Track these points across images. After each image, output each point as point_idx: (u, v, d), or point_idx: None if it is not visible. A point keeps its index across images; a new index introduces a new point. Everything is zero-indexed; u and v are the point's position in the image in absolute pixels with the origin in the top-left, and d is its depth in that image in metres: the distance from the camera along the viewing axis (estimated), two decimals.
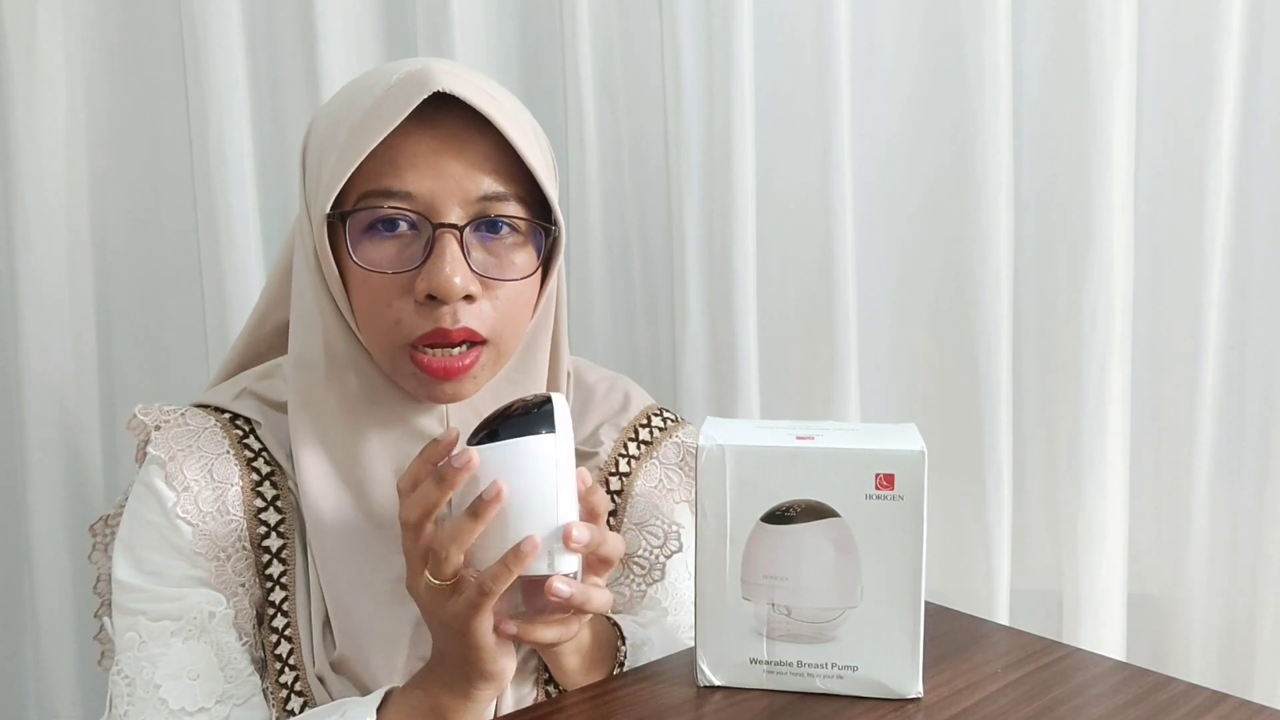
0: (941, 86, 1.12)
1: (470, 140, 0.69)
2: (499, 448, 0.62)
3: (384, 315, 0.69)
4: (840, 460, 0.66)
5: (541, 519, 0.61)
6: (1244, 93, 1.11)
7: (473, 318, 0.69)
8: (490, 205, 0.69)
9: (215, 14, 1.06)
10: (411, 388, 0.72)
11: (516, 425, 0.63)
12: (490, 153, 0.69)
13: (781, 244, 1.15)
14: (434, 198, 0.68)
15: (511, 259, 0.71)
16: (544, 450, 0.62)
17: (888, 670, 0.67)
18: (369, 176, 0.68)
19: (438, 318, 0.68)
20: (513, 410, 0.64)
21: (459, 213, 0.68)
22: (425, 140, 0.68)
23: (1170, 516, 1.18)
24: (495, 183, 0.69)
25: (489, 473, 0.61)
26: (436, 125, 0.68)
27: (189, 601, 0.71)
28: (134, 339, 1.15)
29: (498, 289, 0.70)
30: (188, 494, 0.72)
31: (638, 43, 1.14)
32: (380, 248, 0.69)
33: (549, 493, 0.62)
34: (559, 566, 0.62)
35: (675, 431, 0.85)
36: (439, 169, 0.68)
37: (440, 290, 0.67)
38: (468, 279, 0.68)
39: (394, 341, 0.70)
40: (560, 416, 0.63)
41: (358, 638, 0.73)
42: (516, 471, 0.61)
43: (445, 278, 0.66)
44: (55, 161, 1.08)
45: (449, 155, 0.68)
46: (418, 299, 0.68)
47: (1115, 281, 1.11)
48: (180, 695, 0.69)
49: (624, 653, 0.75)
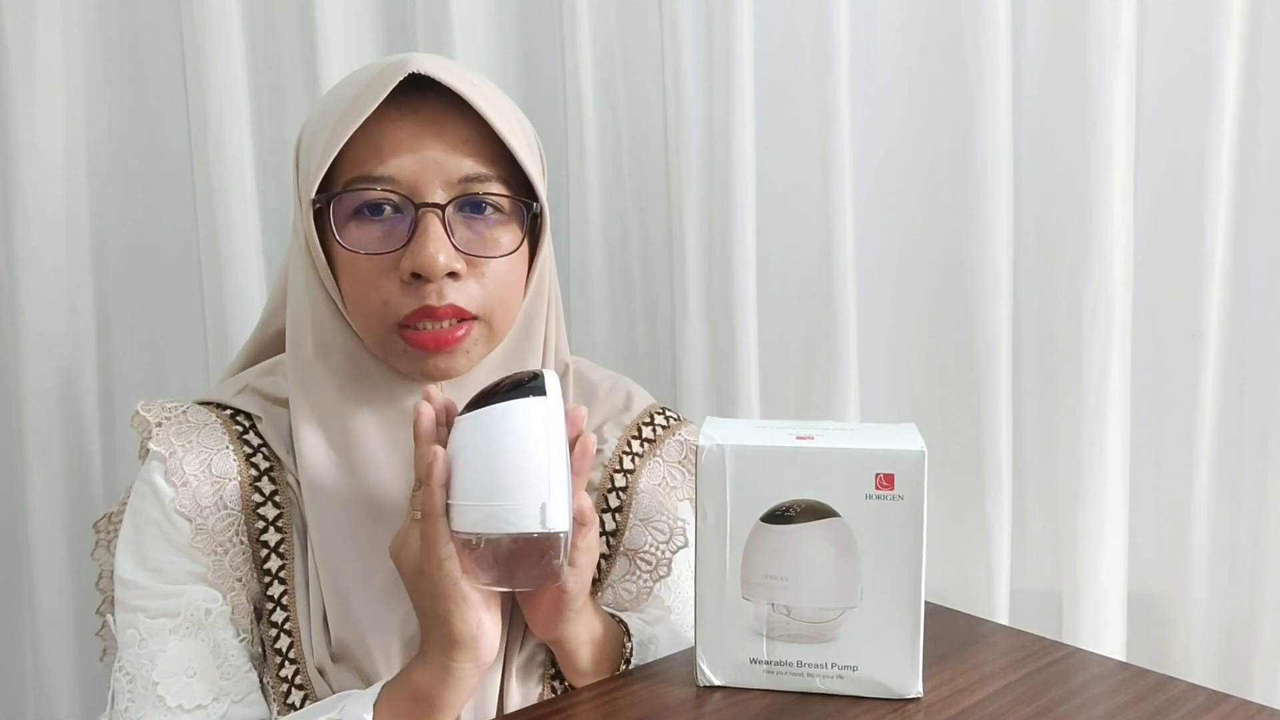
0: (941, 86, 1.12)
1: (451, 123, 0.70)
2: (487, 411, 0.63)
3: (371, 296, 0.70)
4: (840, 460, 0.66)
5: (532, 479, 0.62)
6: (1244, 93, 1.11)
7: (459, 294, 0.70)
8: (472, 185, 0.71)
9: (215, 14, 1.06)
10: (404, 366, 0.73)
11: (506, 395, 0.64)
12: (471, 135, 0.71)
13: (781, 244, 1.15)
14: (416, 179, 0.69)
15: (495, 237, 0.72)
16: (533, 411, 0.63)
17: (887, 670, 0.67)
18: (353, 163, 0.70)
19: (424, 295, 0.69)
20: (502, 384, 0.65)
21: (441, 193, 0.70)
22: (407, 125, 0.70)
23: (1170, 516, 1.18)
24: (477, 164, 0.71)
25: (479, 437, 0.62)
26: (418, 110, 0.70)
27: (186, 598, 0.72)
28: (134, 339, 1.15)
29: (484, 266, 0.71)
30: (186, 489, 0.72)
31: (638, 43, 1.14)
32: (366, 231, 0.70)
33: (539, 454, 0.62)
34: (550, 524, 0.62)
35: (678, 430, 0.86)
36: (420, 152, 0.69)
37: (424, 267, 0.68)
38: (451, 256, 0.69)
39: (383, 322, 0.71)
40: (550, 384, 0.65)
41: (356, 624, 0.73)
42: (506, 433, 0.62)
43: (429, 255, 0.68)
44: (55, 161, 1.08)
45: (430, 138, 0.70)
46: (403, 278, 0.69)
47: (1115, 281, 1.11)
48: (178, 693, 0.70)
49: (630, 649, 0.75)
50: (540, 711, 0.69)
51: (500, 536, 0.62)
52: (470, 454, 0.63)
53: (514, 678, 0.74)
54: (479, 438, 0.63)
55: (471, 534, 0.62)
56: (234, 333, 1.09)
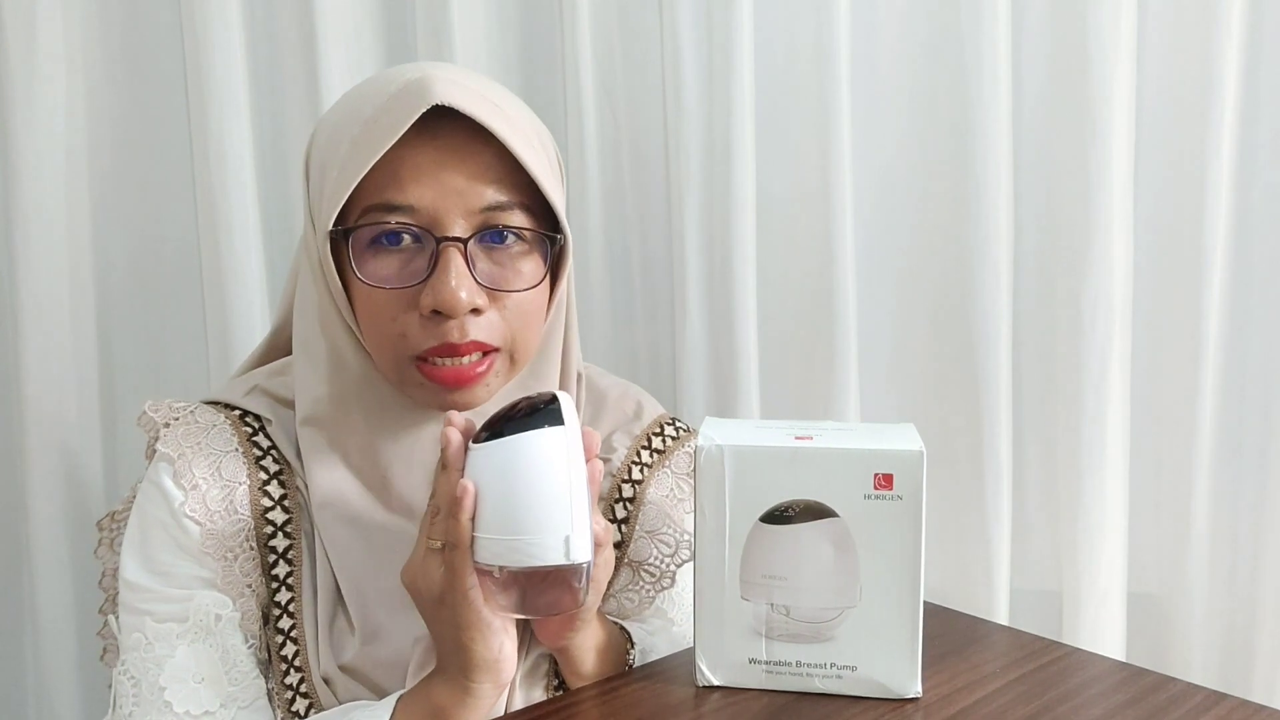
0: (941, 84, 1.12)
1: (472, 151, 0.68)
2: (507, 443, 0.62)
3: (389, 329, 0.69)
4: (839, 460, 0.66)
5: (555, 512, 0.61)
6: (1244, 93, 1.11)
7: (481, 330, 0.68)
8: (494, 215, 0.69)
9: (215, 14, 1.06)
10: (420, 397, 0.72)
11: (524, 421, 0.63)
12: (493, 162, 0.68)
13: (781, 243, 1.15)
14: (437, 210, 0.67)
15: (518, 268, 0.70)
16: (554, 443, 0.62)
17: (886, 670, 0.67)
18: (371, 190, 0.68)
19: (444, 332, 0.67)
20: (518, 409, 0.64)
21: (462, 224, 0.68)
22: (427, 152, 0.67)
23: (1170, 516, 1.18)
24: (499, 192, 0.69)
25: (499, 468, 0.61)
26: (438, 136, 0.67)
27: (195, 603, 0.71)
28: (134, 341, 1.15)
29: (505, 299, 0.70)
30: (195, 493, 0.71)
31: (638, 43, 1.14)
32: (384, 262, 0.69)
33: (561, 486, 0.61)
34: (574, 556, 0.62)
35: (687, 441, 0.85)
36: (441, 181, 0.67)
37: (445, 305, 0.66)
38: (473, 292, 0.67)
39: (400, 354, 0.69)
40: (567, 411, 0.64)
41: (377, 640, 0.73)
42: (527, 466, 0.61)
43: (451, 292, 0.66)
44: (55, 162, 1.08)
45: (451, 167, 0.67)
46: (423, 313, 0.67)
47: (1115, 281, 1.11)
48: (186, 699, 0.69)
49: (634, 656, 0.75)
50: (540, 711, 0.69)
51: (523, 569, 0.62)
52: (491, 486, 0.62)
53: (519, 685, 0.74)
54: (499, 469, 0.62)
55: (494, 565, 0.62)
56: (234, 333, 1.09)
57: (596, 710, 0.68)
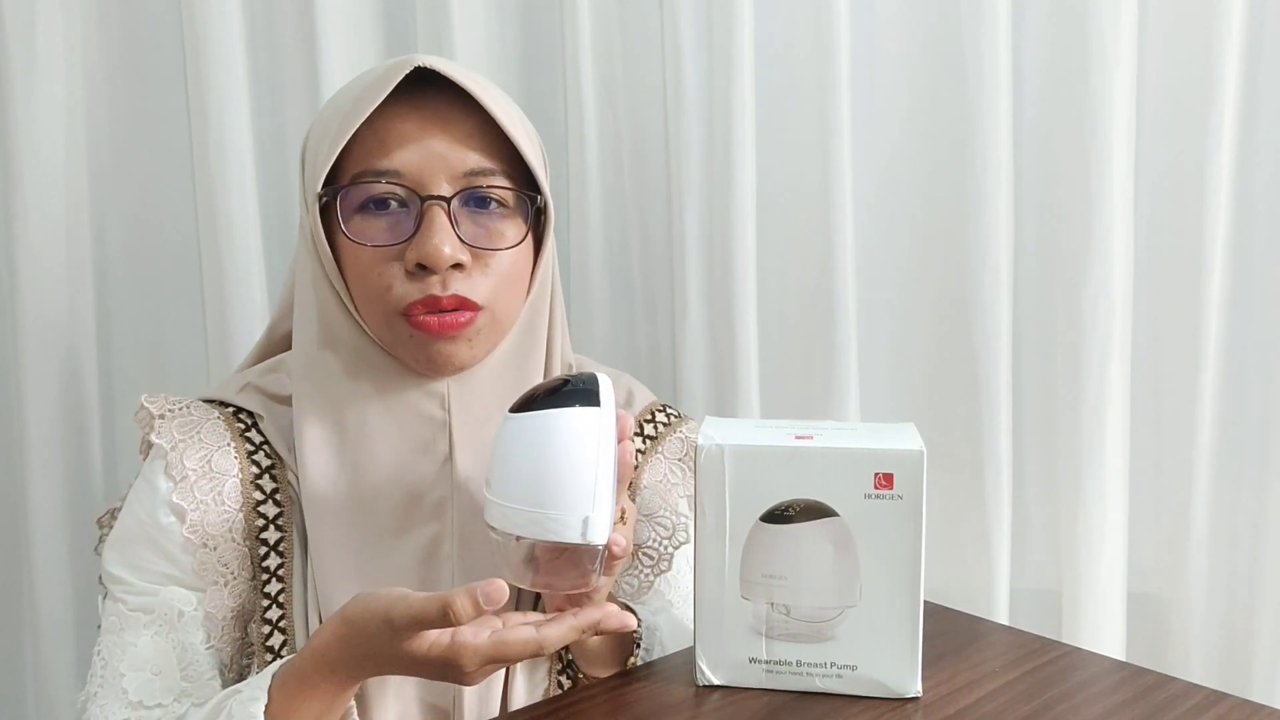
0: (942, 85, 1.12)
1: (455, 118, 0.71)
2: (541, 416, 0.63)
3: (376, 283, 0.71)
4: (839, 460, 0.66)
5: (579, 491, 0.62)
6: (1244, 93, 1.11)
7: (464, 285, 0.70)
8: (477, 179, 0.71)
9: (215, 14, 1.06)
10: (409, 353, 0.73)
11: (560, 398, 0.64)
12: (475, 129, 0.72)
13: (782, 242, 1.15)
14: (421, 173, 0.70)
15: (500, 230, 0.73)
16: (588, 423, 0.63)
17: (886, 669, 0.67)
18: (359, 158, 0.71)
19: (428, 285, 0.70)
20: (559, 386, 0.65)
21: (446, 186, 0.71)
22: (412, 119, 0.71)
23: (1170, 516, 1.18)
24: (482, 158, 0.72)
25: (530, 440, 0.63)
26: (423, 106, 0.71)
27: (161, 598, 0.73)
28: (134, 339, 1.15)
29: (488, 259, 0.72)
30: (185, 483, 0.73)
31: (638, 43, 1.14)
32: (372, 224, 0.71)
33: (588, 467, 0.62)
34: (590, 537, 0.62)
35: (679, 427, 0.87)
36: (425, 145, 0.70)
37: (429, 258, 0.69)
38: (456, 248, 0.70)
39: (388, 308, 0.71)
40: (605, 394, 0.65)
41: None
42: (557, 441, 0.62)
43: (434, 246, 0.69)
44: (55, 161, 1.08)
45: (435, 132, 0.71)
46: (408, 268, 0.70)
47: (1115, 281, 1.11)
48: (140, 688, 0.71)
49: (640, 634, 0.76)
50: (540, 710, 0.69)
51: (538, 542, 0.62)
52: (518, 456, 0.63)
53: (519, 671, 0.75)
54: (529, 441, 0.63)
55: (510, 534, 0.63)
56: (234, 332, 1.09)
57: (597, 709, 0.68)
